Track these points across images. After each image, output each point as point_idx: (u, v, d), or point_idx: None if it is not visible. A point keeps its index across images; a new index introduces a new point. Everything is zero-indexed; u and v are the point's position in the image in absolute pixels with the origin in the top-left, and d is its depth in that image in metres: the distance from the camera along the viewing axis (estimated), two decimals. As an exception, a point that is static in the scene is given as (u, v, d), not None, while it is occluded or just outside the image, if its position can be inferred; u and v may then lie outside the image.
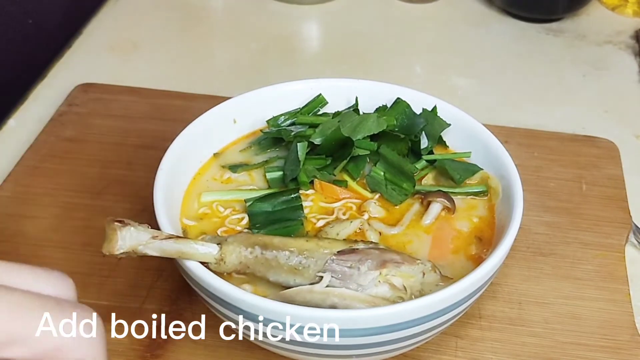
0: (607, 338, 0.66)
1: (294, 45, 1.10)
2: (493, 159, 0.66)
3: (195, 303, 0.67)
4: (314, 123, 0.69)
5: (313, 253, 0.56)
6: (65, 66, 1.00)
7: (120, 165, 0.81)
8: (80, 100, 0.91)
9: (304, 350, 0.55)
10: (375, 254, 0.57)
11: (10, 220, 0.75)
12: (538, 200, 0.78)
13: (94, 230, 0.72)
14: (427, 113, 0.70)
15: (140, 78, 0.96)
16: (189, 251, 0.55)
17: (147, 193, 0.61)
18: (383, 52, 1.06)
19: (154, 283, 0.69)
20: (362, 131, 0.66)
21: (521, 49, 1.07)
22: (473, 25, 1.12)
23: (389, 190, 0.66)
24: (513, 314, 0.68)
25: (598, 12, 1.14)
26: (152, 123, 0.87)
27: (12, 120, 0.91)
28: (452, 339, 0.65)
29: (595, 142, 0.87)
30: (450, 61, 1.05)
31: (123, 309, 0.66)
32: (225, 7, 1.16)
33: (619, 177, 0.82)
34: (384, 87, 0.73)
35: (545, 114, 0.94)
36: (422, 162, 0.68)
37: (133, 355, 0.63)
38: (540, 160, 0.84)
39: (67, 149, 0.83)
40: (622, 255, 0.74)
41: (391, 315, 0.53)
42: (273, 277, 0.57)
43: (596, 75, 1.02)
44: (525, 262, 0.72)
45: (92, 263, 0.70)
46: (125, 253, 0.53)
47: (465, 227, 0.64)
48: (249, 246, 0.57)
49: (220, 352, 0.64)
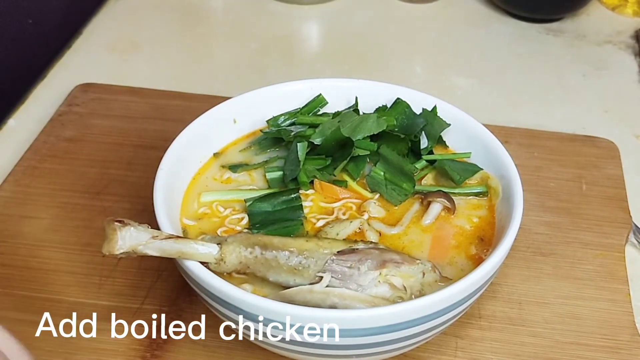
0: (607, 338, 0.66)
1: (294, 45, 1.10)
2: (493, 159, 0.66)
3: (195, 303, 0.67)
4: (314, 123, 0.69)
5: (313, 253, 0.57)
6: (65, 66, 1.00)
7: (120, 165, 0.81)
8: (80, 100, 0.91)
9: (304, 350, 0.55)
10: (375, 254, 0.57)
11: (10, 220, 0.75)
12: (538, 200, 0.78)
13: (94, 230, 0.73)
14: (427, 113, 0.70)
15: (140, 78, 0.96)
16: (189, 251, 0.55)
17: (147, 193, 0.61)
18: (383, 52, 1.06)
19: (154, 283, 0.69)
20: (362, 131, 0.66)
21: (521, 49, 1.07)
22: (473, 25, 1.12)
23: (389, 190, 0.66)
24: (513, 314, 0.68)
25: (598, 12, 1.14)
26: (152, 123, 0.87)
27: (12, 120, 0.91)
28: (452, 339, 0.65)
29: (595, 142, 0.87)
30: (450, 61, 1.05)
31: (123, 309, 0.67)
32: (225, 7, 1.16)
33: (619, 177, 0.82)
34: (384, 87, 0.73)
35: (545, 114, 0.94)
36: (422, 162, 0.68)
37: (133, 355, 0.63)
38: (540, 160, 0.84)
39: (67, 149, 0.83)
40: (622, 255, 0.74)
41: (391, 315, 0.53)
42: (273, 277, 0.57)
43: (596, 75, 1.02)
44: (525, 262, 0.72)
45: (92, 263, 0.70)
46: (125, 253, 0.53)
47: (465, 227, 0.64)
48: (249, 246, 0.57)
49: (220, 352, 0.64)
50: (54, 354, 0.63)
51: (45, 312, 0.65)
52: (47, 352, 0.64)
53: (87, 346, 0.64)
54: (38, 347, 0.64)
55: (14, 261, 0.71)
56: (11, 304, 0.67)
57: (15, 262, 0.71)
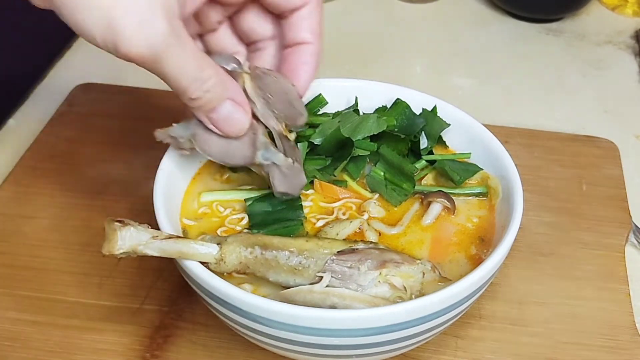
0: (607, 338, 0.66)
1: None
2: (493, 159, 0.66)
3: (195, 303, 0.67)
4: (314, 123, 0.69)
5: (313, 253, 0.57)
6: (65, 66, 1.00)
7: (120, 165, 0.81)
8: (80, 100, 0.91)
9: (303, 350, 0.55)
10: (375, 254, 0.57)
11: (10, 220, 0.75)
12: (538, 200, 0.78)
13: (94, 230, 0.73)
14: (427, 113, 0.70)
15: (140, 78, 0.96)
16: (189, 251, 0.55)
17: (147, 193, 0.61)
18: (383, 52, 1.06)
19: (154, 283, 0.69)
20: (362, 131, 0.66)
21: (521, 49, 1.07)
22: (473, 25, 1.12)
23: (389, 190, 0.66)
24: (513, 314, 0.68)
25: (598, 12, 1.14)
26: (152, 123, 0.87)
27: (12, 120, 0.91)
28: (452, 339, 0.65)
29: (595, 142, 0.87)
30: (450, 61, 1.05)
31: (123, 309, 0.67)
32: (225, 7, 1.16)
33: (619, 177, 0.82)
34: (384, 87, 0.73)
35: (545, 114, 0.94)
36: (422, 162, 0.68)
37: (133, 355, 0.63)
38: (540, 160, 0.84)
39: (67, 149, 0.84)
40: (622, 255, 0.74)
41: (391, 315, 0.53)
42: (273, 277, 0.57)
43: (596, 75, 1.02)
44: (525, 262, 0.72)
45: (92, 263, 0.70)
46: (125, 253, 0.53)
47: (465, 227, 0.64)
48: (249, 246, 0.57)
49: (220, 352, 0.64)
50: (54, 354, 0.63)
51: (45, 312, 0.65)
52: (47, 352, 0.64)
53: (87, 346, 0.64)
54: (38, 347, 0.64)
55: (14, 261, 0.71)
56: (11, 304, 0.67)
57: (15, 262, 0.71)
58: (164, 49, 0.49)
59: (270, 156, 0.58)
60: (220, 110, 0.55)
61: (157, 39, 0.48)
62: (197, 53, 0.52)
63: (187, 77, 0.52)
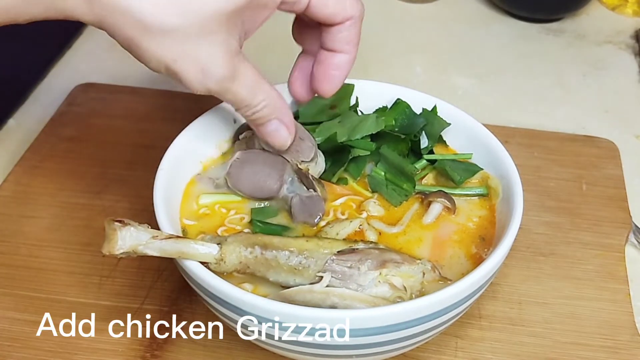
0: (607, 338, 0.66)
1: (294, 45, 1.10)
2: (493, 159, 0.66)
3: (195, 303, 0.67)
4: (314, 122, 0.69)
5: (313, 253, 0.56)
6: (65, 66, 1.00)
7: (120, 165, 0.81)
8: (80, 100, 0.91)
9: (303, 351, 0.55)
10: (375, 254, 0.57)
11: (10, 220, 0.75)
12: (538, 200, 0.78)
13: (94, 230, 0.73)
14: (427, 113, 0.70)
15: (140, 78, 0.96)
16: (189, 251, 0.55)
17: (147, 193, 0.61)
18: (383, 52, 1.06)
19: (154, 283, 0.69)
20: (361, 131, 0.66)
21: (521, 49, 1.07)
22: (473, 25, 1.12)
23: (389, 190, 0.66)
24: (513, 314, 0.68)
25: (598, 12, 1.14)
26: (152, 123, 0.87)
27: (12, 120, 0.91)
28: (452, 339, 0.65)
29: (595, 142, 0.87)
30: (450, 61, 1.05)
31: (123, 309, 0.67)
32: (225, 7, 1.15)
33: (619, 177, 0.82)
34: (384, 87, 0.73)
35: (545, 114, 0.94)
36: (422, 162, 0.68)
37: (133, 355, 0.63)
38: (540, 160, 0.84)
39: (67, 149, 0.84)
40: (622, 255, 0.74)
41: (391, 315, 0.53)
42: (273, 277, 0.57)
43: (596, 75, 1.02)
44: (525, 262, 0.72)
45: (92, 263, 0.70)
46: (125, 253, 0.53)
47: (466, 227, 0.64)
48: (249, 246, 0.57)
49: (220, 352, 0.64)
50: (54, 354, 0.63)
51: (45, 312, 0.65)
52: (47, 352, 0.64)
53: (87, 346, 0.64)
54: (38, 347, 0.64)
55: (14, 261, 0.71)
56: (11, 304, 0.67)
57: (15, 262, 0.71)
58: (219, 90, 0.56)
59: (295, 189, 0.63)
60: (268, 126, 0.61)
61: (214, 86, 0.55)
62: (251, 83, 0.57)
63: (239, 103, 0.58)
